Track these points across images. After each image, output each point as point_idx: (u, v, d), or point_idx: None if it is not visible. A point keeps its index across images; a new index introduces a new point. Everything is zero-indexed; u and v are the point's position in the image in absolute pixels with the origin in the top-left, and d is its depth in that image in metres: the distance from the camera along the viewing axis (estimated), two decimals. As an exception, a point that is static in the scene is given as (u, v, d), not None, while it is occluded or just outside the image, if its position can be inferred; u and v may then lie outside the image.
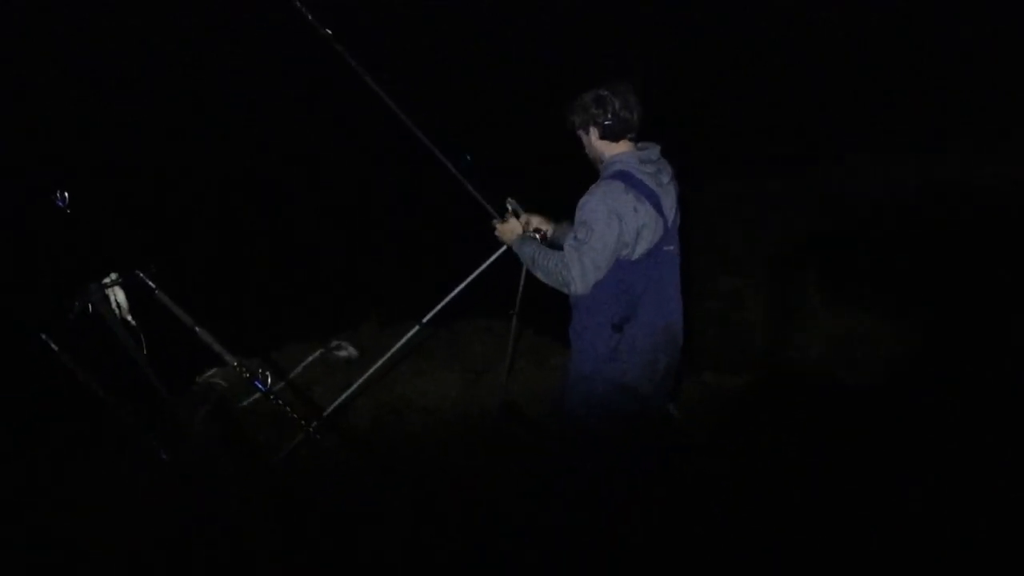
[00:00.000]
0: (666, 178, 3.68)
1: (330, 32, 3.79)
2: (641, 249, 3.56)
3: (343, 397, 4.87)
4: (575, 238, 3.53)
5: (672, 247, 3.72)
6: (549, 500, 4.06)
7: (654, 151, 3.69)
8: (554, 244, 3.96)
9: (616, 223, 3.47)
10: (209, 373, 5.55)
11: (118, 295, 4.04)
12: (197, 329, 4.11)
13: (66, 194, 4.03)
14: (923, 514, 4.02)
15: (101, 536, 4.09)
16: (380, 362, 4.87)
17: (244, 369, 4.04)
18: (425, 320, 4.67)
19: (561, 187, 3.81)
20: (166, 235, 6.79)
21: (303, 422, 4.12)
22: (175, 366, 4.60)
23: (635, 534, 3.92)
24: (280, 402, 3.98)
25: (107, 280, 4.02)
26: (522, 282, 4.90)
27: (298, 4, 3.75)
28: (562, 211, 3.89)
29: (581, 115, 3.68)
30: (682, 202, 3.82)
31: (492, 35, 13.38)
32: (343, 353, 5.92)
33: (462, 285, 4.70)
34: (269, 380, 4.08)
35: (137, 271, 4.09)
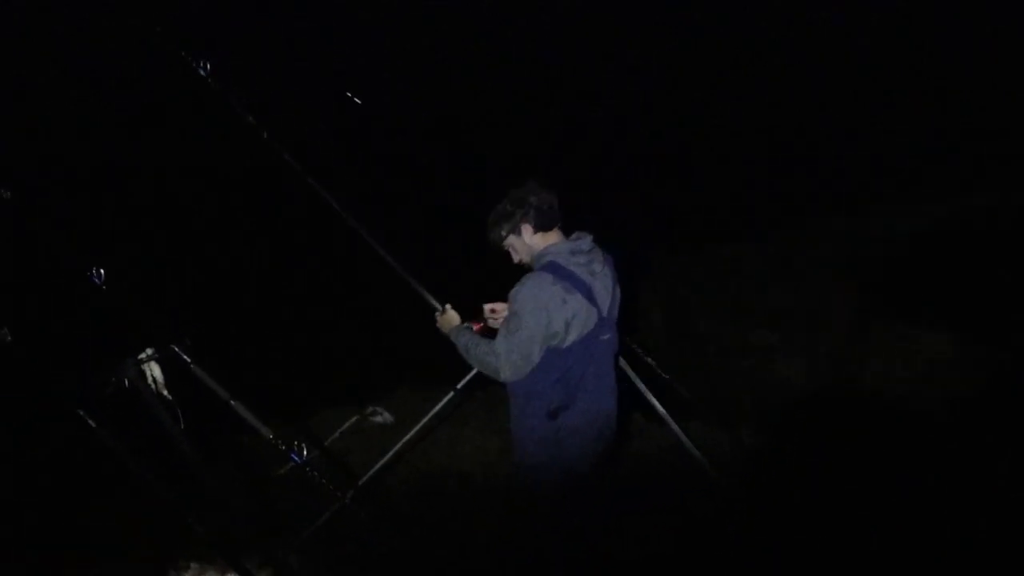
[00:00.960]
0: (599, 267, 3.72)
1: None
2: (572, 338, 3.60)
3: (379, 465, 4.89)
4: (506, 328, 3.62)
5: (608, 336, 3.76)
6: None
7: (585, 241, 3.74)
8: None
9: (544, 315, 3.53)
10: (241, 442, 5.59)
11: (154, 370, 4.09)
12: (232, 402, 4.17)
13: (101, 271, 4.13)
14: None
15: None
16: (416, 428, 4.90)
17: (280, 441, 4.08)
18: (460, 385, 4.71)
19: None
20: (199, 308, 6.91)
21: (338, 492, 4.14)
22: (211, 439, 4.67)
23: None
24: (315, 473, 4.01)
25: (143, 355, 4.07)
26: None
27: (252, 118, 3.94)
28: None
29: (507, 222, 3.74)
30: (621, 286, 3.87)
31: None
32: (379, 419, 5.94)
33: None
34: (305, 451, 4.10)
35: (172, 345, 4.17)
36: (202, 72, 4.33)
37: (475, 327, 3.97)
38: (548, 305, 3.53)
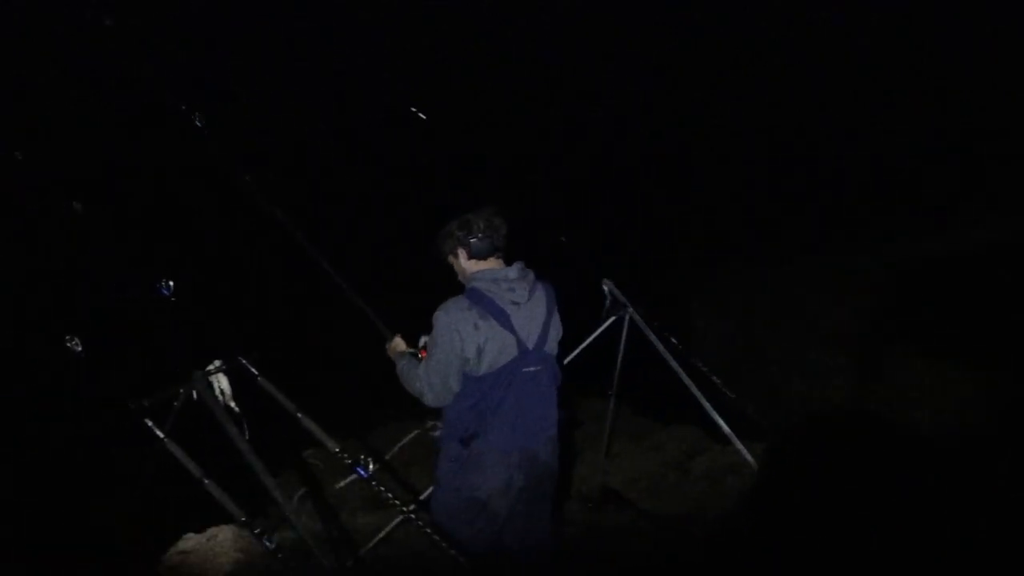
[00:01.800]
0: (523, 295, 3.68)
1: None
2: (486, 365, 3.60)
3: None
4: (427, 352, 3.69)
5: (535, 368, 3.72)
6: None
7: (513, 270, 3.72)
8: None
9: (457, 338, 3.55)
10: (305, 454, 5.66)
11: (222, 382, 4.15)
12: (299, 415, 4.22)
13: (171, 283, 4.20)
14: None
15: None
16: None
17: (345, 455, 4.12)
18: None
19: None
20: (266, 321, 7.03)
21: (402, 506, 4.18)
22: (276, 451, 4.74)
23: None
24: (381, 488, 4.04)
25: (211, 367, 4.14)
26: (619, 363, 4.94)
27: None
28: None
29: (449, 241, 3.77)
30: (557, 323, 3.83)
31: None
32: (438, 433, 5.94)
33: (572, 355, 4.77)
34: (371, 466, 4.14)
35: (240, 358, 4.23)
36: (198, 124, 4.44)
37: (421, 354, 3.96)
38: (460, 329, 3.55)
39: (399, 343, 4.11)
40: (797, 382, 6.87)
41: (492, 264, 3.73)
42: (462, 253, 3.75)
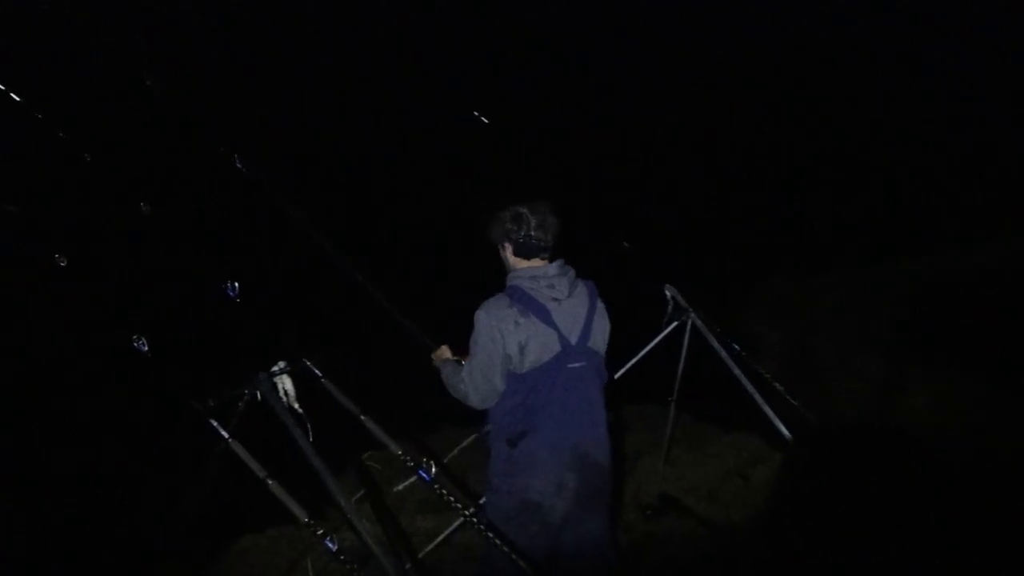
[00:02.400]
0: (564, 292, 3.68)
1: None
2: (530, 363, 3.61)
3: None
4: (469, 353, 3.69)
5: (580, 363, 3.70)
6: None
7: (552, 267, 3.73)
8: None
9: (498, 335, 3.57)
10: (365, 456, 5.70)
11: (286, 383, 4.20)
12: (362, 417, 4.26)
13: (236, 284, 4.26)
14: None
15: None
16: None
17: (408, 458, 4.14)
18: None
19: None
20: (330, 322, 7.11)
21: (463, 509, 4.19)
22: (339, 452, 4.78)
23: None
24: (442, 491, 4.06)
25: (275, 368, 4.18)
26: (680, 369, 4.94)
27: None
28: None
29: (498, 230, 3.78)
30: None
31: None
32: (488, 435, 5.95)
33: (621, 371, 4.77)
34: (432, 469, 4.16)
35: (304, 359, 4.28)
36: (238, 165, 4.52)
37: (464, 360, 3.97)
38: (500, 327, 3.57)
39: (444, 351, 4.17)
40: (846, 387, 6.86)
41: (535, 263, 3.75)
42: (508, 247, 3.78)
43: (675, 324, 4.85)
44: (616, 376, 4.65)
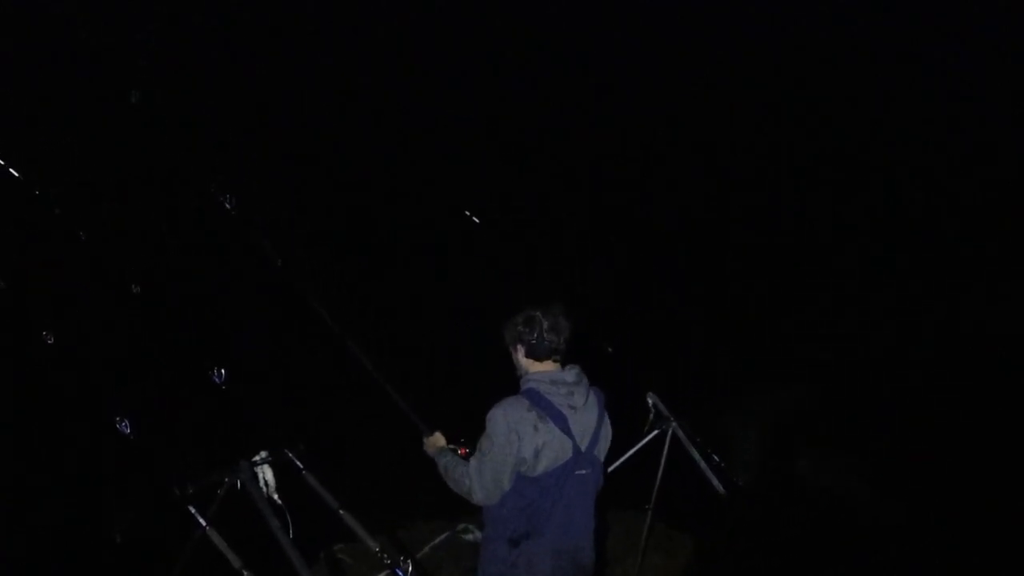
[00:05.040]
0: (580, 400, 3.78)
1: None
2: (543, 467, 3.67)
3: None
4: (479, 449, 3.72)
5: (586, 471, 3.80)
6: None
7: (570, 373, 3.83)
8: None
9: (515, 438, 3.61)
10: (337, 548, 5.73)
11: (267, 473, 4.24)
12: (341, 512, 4.34)
13: (223, 371, 4.37)
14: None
15: None
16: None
17: (385, 556, 4.22)
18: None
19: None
20: (315, 407, 7.18)
21: None
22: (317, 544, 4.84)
23: None
24: None
25: (257, 458, 4.24)
26: (659, 476, 5.06)
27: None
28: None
29: (511, 332, 3.87)
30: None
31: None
32: (469, 537, 6.00)
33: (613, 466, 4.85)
34: (410, 568, 4.23)
35: (286, 450, 4.37)
36: (228, 205, 4.62)
37: (461, 452, 4.05)
38: (519, 429, 3.62)
39: (439, 439, 4.20)
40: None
41: (548, 366, 3.84)
42: (520, 349, 3.86)
43: (656, 432, 4.97)
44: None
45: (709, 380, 8.98)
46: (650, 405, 4.90)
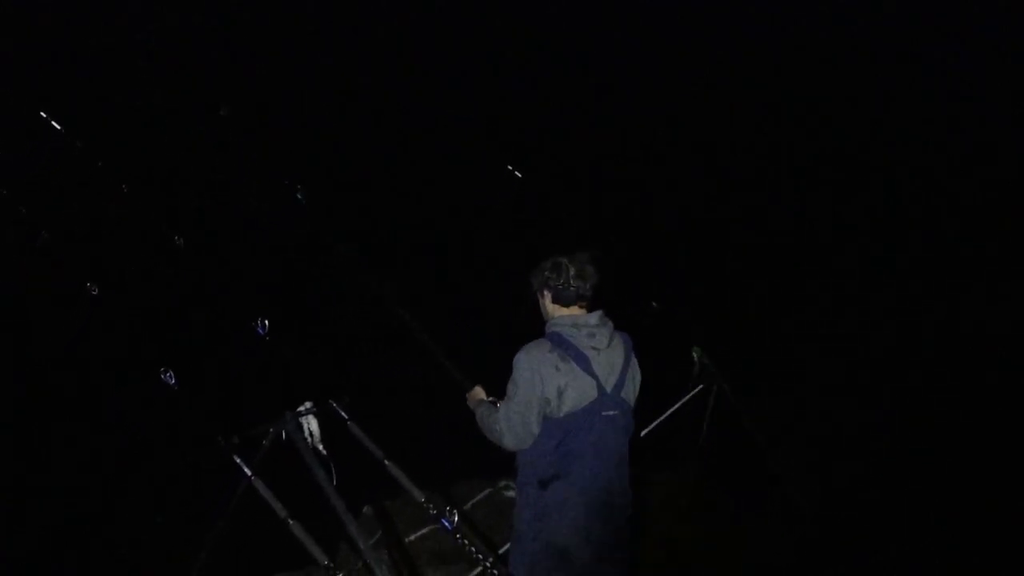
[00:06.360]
0: (603, 342, 3.84)
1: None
2: (567, 408, 3.73)
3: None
4: (507, 395, 3.80)
5: (614, 412, 3.85)
6: None
7: (593, 316, 3.88)
8: None
9: (538, 380, 3.69)
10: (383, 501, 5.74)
11: (311, 424, 4.32)
12: (387, 462, 4.38)
13: (266, 322, 4.40)
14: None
15: None
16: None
17: (431, 506, 4.25)
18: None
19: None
20: (360, 364, 7.19)
21: (484, 560, 4.25)
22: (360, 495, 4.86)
23: None
24: (464, 541, 4.15)
25: (302, 408, 4.31)
26: (703, 435, 5.08)
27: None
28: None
29: (538, 279, 3.95)
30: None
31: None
32: (511, 494, 6.01)
33: (646, 429, 4.91)
34: (455, 519, 4.25)
35: (331, 401, 4.40)
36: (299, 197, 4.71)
37: (498, 405, 4.08)
38: (540, 370, 3.70)
39: (479, 392, 4.28)
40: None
41: (574, 311, 3.90)
42: (547, 295, 3.93)
43: (700, 387, 4.99)
44: (642, 433, 4.76)
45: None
46: (695, 359, 4.93)
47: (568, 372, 3.73)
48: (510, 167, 5.20)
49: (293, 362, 4.50)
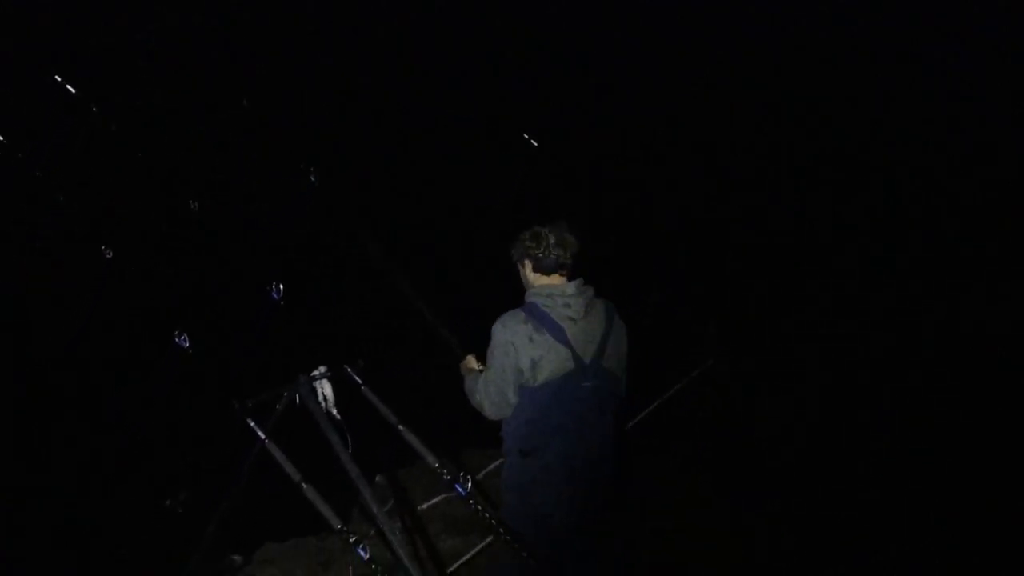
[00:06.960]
0: (580, 312, 3.88)
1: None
2: (543, 378, 3.80)
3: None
4: (486, 364, 3.91)
5: (592, 383, 3.90)
6: None
7: (571, 286, 3.93)
8: None
9: (512, 350, 3.78)
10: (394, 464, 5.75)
11: (325, 388, 4.33)
12: (400, 427, 4.36)
13: (281, 286, 4.41)
14: None
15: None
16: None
17: (445, 471, 4.25)
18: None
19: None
20: (374, 331, 7.20)
21: (498, 526, 4.26)
22: (373, 461, 4.86)
23: None
24: (477, 507, 4.16)
25: (316, 372, 4.32)
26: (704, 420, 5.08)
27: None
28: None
29: (518, 248, 4.01)
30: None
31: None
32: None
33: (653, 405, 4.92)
34: (469, 484, 4.25)
35: (345, 366, 4.41)
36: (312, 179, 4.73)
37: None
38: (514, 341, 3.78)
39: (471, 360, 4.37)
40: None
41: (555, 280, 3.95)
42: (528, 264, 3.99)
43: (710, 363, 4.98)
44: (650, 409, 4.76)
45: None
46: (707, 334, 4.93)
47: (542, 343, 3.78)
48: (526, 135, 5.21)
49: (307, 326, 4.50)
